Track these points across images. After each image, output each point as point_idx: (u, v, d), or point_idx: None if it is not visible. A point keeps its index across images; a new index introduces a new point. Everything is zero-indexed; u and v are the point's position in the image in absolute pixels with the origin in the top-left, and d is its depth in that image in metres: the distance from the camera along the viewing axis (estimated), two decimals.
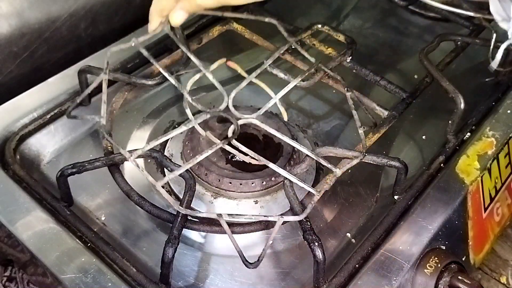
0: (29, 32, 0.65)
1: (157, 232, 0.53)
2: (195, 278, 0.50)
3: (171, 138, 0.62)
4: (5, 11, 0.62)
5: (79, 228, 0.50)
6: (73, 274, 0.46)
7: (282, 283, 0.50)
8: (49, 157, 0.60)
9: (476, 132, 0.60)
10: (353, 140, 0.62)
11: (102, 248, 0.49)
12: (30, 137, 0.59)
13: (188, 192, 0.48)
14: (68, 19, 0.69)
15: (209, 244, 0.53)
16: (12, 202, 0.51)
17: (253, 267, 0.43)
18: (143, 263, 0.51)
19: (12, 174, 0.54)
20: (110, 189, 0.56)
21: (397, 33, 0.81)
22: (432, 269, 0.48)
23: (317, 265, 0.44)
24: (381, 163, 0.51)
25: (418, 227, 0.51)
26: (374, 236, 0.51)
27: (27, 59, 0.67)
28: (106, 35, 0.71)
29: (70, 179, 0.51)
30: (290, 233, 0.54)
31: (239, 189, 0.54)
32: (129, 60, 0.67)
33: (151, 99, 0.67)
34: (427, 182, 0.56)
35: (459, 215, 0.54)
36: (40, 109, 0.61)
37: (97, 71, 0.59)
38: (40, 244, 0.48)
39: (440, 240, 0.51)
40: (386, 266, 0.48)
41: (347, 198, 0.58)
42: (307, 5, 0.85)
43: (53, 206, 0.52)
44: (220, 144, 0.48)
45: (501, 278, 0.70)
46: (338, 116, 0.67)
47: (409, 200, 0.54)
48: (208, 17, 0.75)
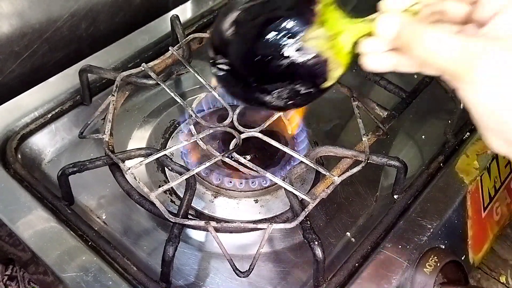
0: (30, 32, 0.66)
1: (158, 231, 0.54)
2: (196, 277, 0.50)
3: (172, 137, 0.62)
4: (6, 11, 0.62)
5: (80, 227, 0.50)
6: (74, 273, 0.46)
7: (282, 282, 0.50)
8: (50, 156, 0.60)
9: (476, 132, 0.60)
10: (353, 139, 0.62)
11: (103, 247, 0.49)
12: (31, 136, 0.59)
13: (189, 191, 0.48)
14: (69, 19, 0.69)
15: (209, 243, 0.53)
16: (13, 201, 0.51)
17: (244, 276, 0.44)
18: (144, 261, 0.51)
19: (13, 173, 0.54)
20: (111, 188, 0.56)
21: None
22: (431, 268, 0.49)
23: (316, 264, 0.45)
24: (380, 162, 0.52)
25: (417, 226, 0.51)
26: (373, 235, 0.51)
27: (28, 58, 0.67)
28: (106, 35, 0.72)
29: (71, 178, 0.51)
30: (290, 232, 0.54)
31: (239, 188, 0.55)
32: (129, 60, 0.67)
33: (152, 98, 0.67)
34: (426, 181, 0.56)
35: (459, 215, 0.54)
36: (41, 109, 0.61)
37: (97, 70, 0.60)
38: (41, 243, 0.48)
39: (439, 239, 0.52)
40: (385, 265, 0.48)
41: (347, 197, 0.58)
42: None
43: (54, 205, 0.52)
44: (220, 157, 0.49)
45: (500, 277, 0.70)
46: (338, 116, 0.67)
47: (408, 200, 0.54)
48: (208, 17, 0.75)
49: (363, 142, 0.52)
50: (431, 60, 0.35)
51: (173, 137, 0.62)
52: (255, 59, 0.39)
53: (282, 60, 0.38)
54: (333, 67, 0.40)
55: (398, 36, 0.37)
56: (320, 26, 0.39)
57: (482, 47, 0.33)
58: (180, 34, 0.63)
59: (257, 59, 0.39)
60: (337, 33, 0.40)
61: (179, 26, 0.64)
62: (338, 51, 0.40)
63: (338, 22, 0.41)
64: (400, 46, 0.37)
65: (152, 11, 0.74)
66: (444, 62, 0.35)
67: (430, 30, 0.35)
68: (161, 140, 0.62)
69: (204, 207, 0.55)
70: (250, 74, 0.40)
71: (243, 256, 0.51)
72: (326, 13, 0.40)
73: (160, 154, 0.50)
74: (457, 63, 0.34)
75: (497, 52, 0.33)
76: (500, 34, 0.34)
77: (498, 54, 0.33)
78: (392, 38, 0.38)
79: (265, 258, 0.52)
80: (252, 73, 0.40)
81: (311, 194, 0.48)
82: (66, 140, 0.61)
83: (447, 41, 0.35)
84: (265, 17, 0.39)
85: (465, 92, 0.34)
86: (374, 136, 0.55)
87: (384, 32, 0.38)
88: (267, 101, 0.41)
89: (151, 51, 0.69)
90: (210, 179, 0.55)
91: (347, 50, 0.40)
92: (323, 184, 0.50)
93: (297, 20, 0.38)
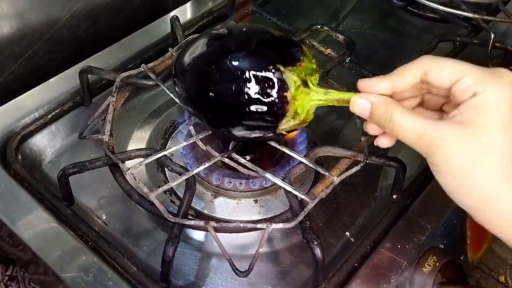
0: (31, 32, 0.66)
1: (158, 231, 0.54)
2: (195, 277, 0.50)
3: (171, 138, 0.63)
4: (7, 11, 0.63)
5: (80, 227, 0.50)
6: (74, 273, 0.46)
7: (281, 282, 0.50)
8: (50, 156, 0.60)
9: None
10: (352, 140, 0.63)
11: (103, 247, 0.49)
12: (32, 137, 0.59)
13: (188, 192, 0.48)
14: (69, 20, 0.69)
15: (209, 243, 0.53)
16: (13, 201, 0.51)
17: (243, 276, 0.44)
18: (144, 262, 0.51)
19: (13, 173, 0.55)
20: (111, 189, 0.56)
21: (396, 33, 0.82)
22: (430, 268, 0.49)
23: (316, 264, 0.45)
24: (380, 162, 0.52)
25: (416, 226, 0.51)
26: (373, 235, 0.51)
27: (28, 59, 0.67)
28: (107, 36, 0.72)
29: (71, 179, 0.51)
30: (290, 232, 0.54)
31: (238, 188, 0.55)
32: (129, 61, 0.67)
33: (152, 99, 0.68)
34: (425, 181, 0.56)
35: (458, 214, 0.54)
36: (41, 109, 0.61)
37: (98, 71, 0.60)
38: (42, 243, 0.48)
39: (438, 239, 0.52)
40: (384, 265, 0.48)
41: (346, 197, 0.58)
42: (307, 6, 0.85)
43: (55, 205, 0.52)
44: (219, 157, 0.49)
45: (499, 277, 0.70)
46: (337, 116, 0.67)
47: (407, 199, 0.54)
48: (208, 18, 0.75)
49: (362, 142, 0.52)
50: (400, 139, 0.39)
51: (173, 137, 0.63)
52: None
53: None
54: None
55: (371, 116, 0.40)
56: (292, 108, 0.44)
57: (441, 133, 0.36)
58: (180, 35, 0.64)
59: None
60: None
61: (179, 27, 0.64)
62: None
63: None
64: (376, 124, 0.41)
65: (152, 12, 0.74)
66: (409, 143, 0.38)
67: (395, 111, 0.38)
68: (161, 140, 0.63)
69: (203, 207, 0.55)
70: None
71: (243, 256, 0.51)
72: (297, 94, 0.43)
73: (160, 154, 0.50)
74: (419, 146, 0.37)
75: (456, 140, 0.35)
76: (465, 119, 0.36)
77: (455, 143, 0.35)
78: (367, 117, 0.41)
79: (265, 258, 0.52)
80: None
81: (310, 194, 0.48)
82: (66, 140, 0.62)
83: (409, 125, 0.37)
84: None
85: (431, 169, 0.38)
86: (373, 136, 0.55)
87: (358, 112, 0.41)
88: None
89: (151, 52, 0.69)
90: (210, 179, 0.55)
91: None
92: (322, 184, 0.50)
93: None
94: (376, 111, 0.40)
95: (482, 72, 0.36)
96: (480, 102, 0.35)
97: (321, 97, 0.44)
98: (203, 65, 0.45)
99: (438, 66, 0.38)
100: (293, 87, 0.43)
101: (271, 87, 0.42)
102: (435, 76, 0.38)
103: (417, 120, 0.37)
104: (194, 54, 0.46)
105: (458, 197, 0.37)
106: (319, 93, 0.44)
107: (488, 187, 0.35)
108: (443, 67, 0.38)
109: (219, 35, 0.46)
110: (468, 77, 0.36)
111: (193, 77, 0.46)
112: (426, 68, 0.38)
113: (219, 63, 0.43)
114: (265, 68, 0.42)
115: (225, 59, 0.43)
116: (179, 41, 0.63)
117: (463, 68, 0.37)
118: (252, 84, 0.42)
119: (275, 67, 0.42)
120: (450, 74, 0.37)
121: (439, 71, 0.38)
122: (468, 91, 0.36)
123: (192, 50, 0.46)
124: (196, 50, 0.46)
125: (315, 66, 0.45)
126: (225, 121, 0.45)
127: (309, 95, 0.44)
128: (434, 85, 0.39)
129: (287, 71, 0.42)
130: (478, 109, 0.35)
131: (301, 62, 0.44)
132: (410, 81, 0.39)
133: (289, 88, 0.42)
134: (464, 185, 0.36)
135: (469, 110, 0.35)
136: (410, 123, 0.37)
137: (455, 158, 0.35)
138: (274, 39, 0.46)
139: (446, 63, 0.38)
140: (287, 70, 0.42)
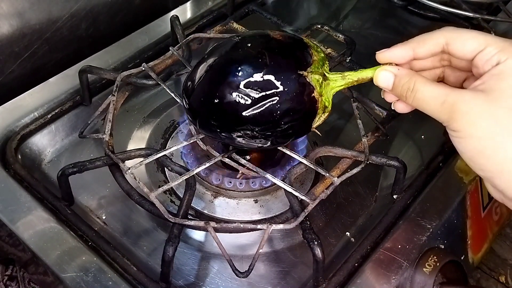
0: (30, 32, 0.66)
1: (158, 231, 0.54)
2: (195, 277, 0.50)
3: (172, 138, 0.63)
4: (6, 11, 0.62)
5: (80, 227, 0.50)
6: (74, 273, 0.46)
7: (281, 282, 0.50)
8: (50, 156, 0.60)
9: None
10: (352, 139, 0.63)
11: (102, 247, 0.49)
12: (31, 136, 0.59)
13: (188, 192, 0.48)
14: (69, 19, 0.69)
15: (209, 243, 0.53)
16: (13, 201, 0.51)
17: (243, 276, 0.44)
18: (144, 262, 0.51)
19: (13, 173, 0.54)
20: (111, 189, 0.56)
21: (396, 33, 0.82)
22: (431, 268, 0.49)
23: (316, 264, 0.45)
24: (380, 162, 0.52)
25: (417, 226, 0.51)
26: (373, 235, 0.51)
27: (28, 59, 0.67)
28: (106, 36, 0.72)
29: (71, 179, 0.51)
30: (290, 232, 0.54)
31: (239, 188, 0.55)
32: (129, 60, 0.67)
33: (152, 99, 0.67)
34: (426, 181, 0.56)
35: (458, 214, 0.54)
36: (41, 109, 0.61)
37: (97, 71, 0.60)
38: (41, 243, 0.48)
39: (439, 239, 0.52)
40: (385, 265, 0.48)
41: (347, 197, 0.58)
42: (307, 5, 0.85)
43: (54, 205, 0.52)
44: (219, 157, 0.49)
45: (500, 277, 0.70)
46: (338, 116, 0.67)
47: (408, 200, 0.54)
48: (208, 17, 0.75)
49: (362, 142, 0.52)
50: (421, 108, 0.39)
51: (173, 137, 0.63)
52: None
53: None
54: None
55: (394, 88, 0.41)
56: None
57: (464, 98, 0.36)
58: (180, 35, 0.64)
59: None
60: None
61: (179, 27, 0.64)
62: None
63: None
64: (397, 96, 0.41)
65: (152, 12, 0.74)
66: (431, 111, 0.38)
67: (418, 81, 0.39)
68: (161, 140, 0.63)
69: (204, 207, 0.55)
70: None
71: (243, 256, 0.51)
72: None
73: (160, 154, 0.50)
74: (440, 113, 0.37)
75: (479, 104, 0.35)
76: (488, 87, 0.36)
77: (478, 106, 0.35)
78: (389, 90, 0.42)
79: (265, 258, 0.52)
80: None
81: (310, 195, 0.48)
82: (66, 140, 0.62)
83: (431, 92, 0.38)
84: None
85: (450, 137, 0.38)
86: (373, 136, 0.55)
87: (382, 85, 0.42)
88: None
89: (151, 51, 0.69)
90: (210, 179, 0.55)
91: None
92: (322, 184, 0.50)
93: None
94: (399, 83, 0.40)
95: (504, 42, 0.36)
96: (503, 70, 0.35)
97: (340, 82, 0.45)
98: (227, 98, 0.42)
99: (462, 36, 0.38)
100: (317, 86, 0.43)
101: (300, 94, 0.42)
102: (458, 46, 0.38)
103: (440, 87, 0.37)
104: (210, 86, 0.44)
105: (480, 162, 0.36)
106: (337, 80, 0.45)
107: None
108: (466, 37, 0.38)
109: (226, 58, 0.44)
110: (492, 46, 0.36)
111: (222, 110, 0.43)
112: (448, 38, 0.39)
113: (242, 92, 0.42)
114: (289, 79, 0.42)
115: (248, 84, 0.42)
116: (179, 40, 0.63)
117: (486, 38, 0.37)
118: (283, 99, 0.42)
119: (297, 74, 0.42)
120: (474, 44, 0.37)
121: (463, 40, 0.38)
122: (492, 60, 0.36)
123: (203, 80, 0.44)
124: (207, 79, 0.44)
125: (323, 54, 0.45)
126: (265, 140, 0.45)
127: (329, 85, 0.45)
128: (457, 55, 0.39)
129: (309, 73, 0.43)
130: (501, 76, 0.35)
131: (313, 57, 0.44)
132: (431, 49, 0.40)
133: (314, 88, 0.43)
134: (488, 147, 0.35)
135: (492, 78, 0.36)
136: (432, 90, 0.38)
137: (479, 120, 0.35)
138: (281, 45, 0.44)
139: (470, 34, 0.38)
140: (308, 73, 0.43)
